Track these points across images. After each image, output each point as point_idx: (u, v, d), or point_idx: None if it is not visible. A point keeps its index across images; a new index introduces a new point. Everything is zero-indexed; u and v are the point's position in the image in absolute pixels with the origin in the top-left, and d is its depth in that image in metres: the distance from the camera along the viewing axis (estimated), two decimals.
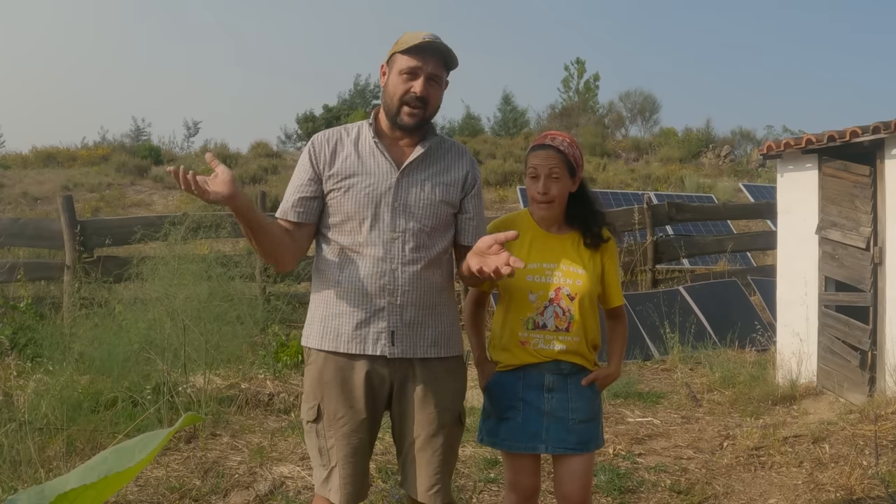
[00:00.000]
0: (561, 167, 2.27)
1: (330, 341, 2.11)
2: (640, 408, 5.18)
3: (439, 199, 2.14)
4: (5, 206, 13.83)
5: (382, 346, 2.08)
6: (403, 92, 2.09)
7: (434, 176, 2.16)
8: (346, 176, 2.11)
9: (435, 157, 2.19)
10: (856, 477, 3.57)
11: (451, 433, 2.15)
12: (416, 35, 2.10)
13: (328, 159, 2.14)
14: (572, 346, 2.29)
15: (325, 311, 2.14)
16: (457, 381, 2.21)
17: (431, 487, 2.10)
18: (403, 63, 2.09)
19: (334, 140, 2.18)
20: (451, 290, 2.25)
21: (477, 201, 2.24)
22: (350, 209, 2.10)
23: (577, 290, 2.28)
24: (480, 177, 2.30)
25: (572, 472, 2.31)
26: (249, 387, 4.98)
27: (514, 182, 16.00)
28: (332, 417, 2.09)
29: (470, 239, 2.20)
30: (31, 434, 3.56)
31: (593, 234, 2.33)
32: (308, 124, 25.46)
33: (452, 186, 2.18)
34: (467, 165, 2.23)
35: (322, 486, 2.13)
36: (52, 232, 7.31)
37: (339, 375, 2.09)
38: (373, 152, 2.14)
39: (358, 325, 2.09)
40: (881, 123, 4.64)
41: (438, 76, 2.12)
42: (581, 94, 29.79)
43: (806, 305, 5.40)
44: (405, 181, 2.12)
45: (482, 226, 2.25)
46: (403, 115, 2.10)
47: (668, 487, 3.65)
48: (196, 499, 3.35)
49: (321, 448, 2.11)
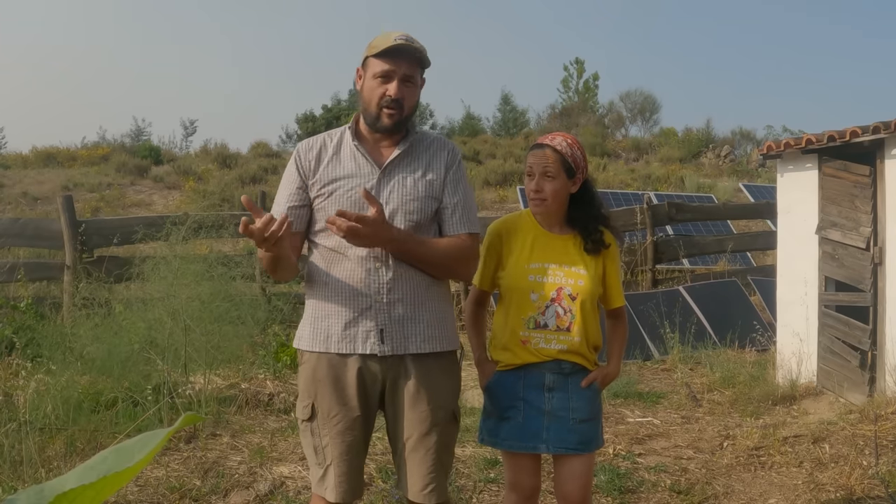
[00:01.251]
0: (556, 166, 2.28)
1: (321, 342, 2.12)
2: (640, 408, 5.18)
3: (423, 195, 2.15)
4: (5, 206, 13.83)
5: (372, 344, 2.08)
6: (380, 96, 2.11)
7: (416, 172, 2.16)
8: (329, 181, 2.13)
9: (416, 153, 2.19)
10: (856, 477, 3.57)
11: (444, 431, 2.13)
12: (388, 37, 2.10)
13: (312, 166, 2.16)
14: (573, 346, 2.29)
15: (315, 313, 2.15)
16: (450, 379, 2.20)
17: (426, 487, 2.09)
18: (377, 67, 2.10)
19: (317, 147, 2.19)
20: (443, 283, 2.23)
21: (452, 188, 2.19)
22: (333, 212, 2.09)
23: (578, 290, 2.28)
24: (461, 161, 2.27)
25: (573, 473, 2.32)
26: (249, 387, 4.98)
27: (514, 182, 16.00)
28: (326, 415, 2.10)
29: (449, 228, 2.19)
30: (32, 434, 3.56)
31: (593, 240, 2.33)
32: (308, 124, 25.46)
33: (436, 180, 2.18)
34: (448, 155, 2.23)
35: (318, 485, 2.13)
36: (52, 232, 7.32)
37: (332, 373, 2.10)
38: (353, 155, 2.16)
39: (347, 324, 2.09)
40: (881, 123, 4.64)
41: (412, 77, 2.13)
42: (581, 94, 29.80)
43: (806, 305, 5.40)
44: (386, 180, 2.13)
45: (461, 212, 2.19)
46: (383, 118, 2.12)
47: (668, 487, 3.65)
48: (196, 499, 3.35)
49: (316, 446, 2.12)
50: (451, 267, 2.20)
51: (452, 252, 2.15)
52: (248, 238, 1.94)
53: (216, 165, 18.52)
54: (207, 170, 17.68)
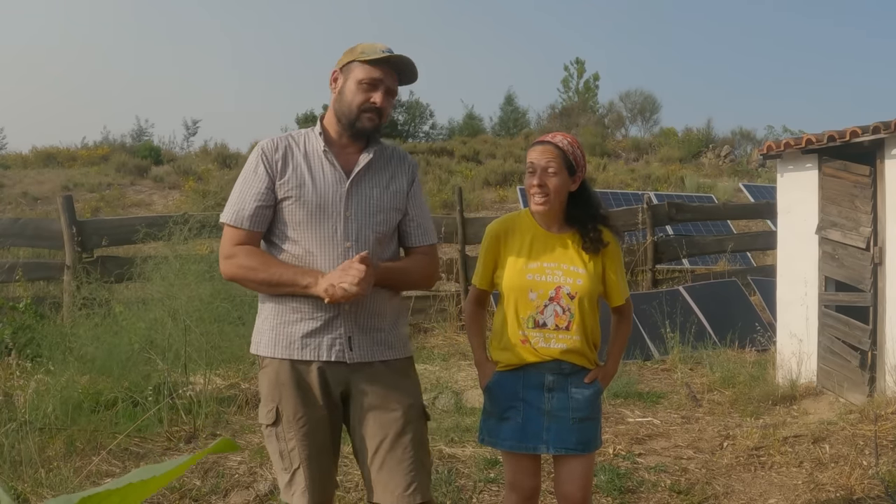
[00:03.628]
0: (558, 162, 2.29)
1: (283, 349, 2.10)
2: (640, 408, 5.18)
3: (389, 206, 2.17)
4: (5, 206, 13.82)
5: (338, 351, 2.08)
6: (363, 101, 2.11)
7: (381, 183, 2.18)
8: (297, 185, 2.11)
9: (380, 163, 2.21)
10: (856, 477, 3.57)
11: (417, 428, 2.12)
12: (375, 47, 2.12)
13: (279, 167, 2.13)
14: (572, 344, 2.29)
15: (277, 320, 2.12)
16: (413, 379, 2.22)
17: (408, 487, 2.03)
18: (363, 73, 2.11)
19: (283, 148, 2.16)
20: (400, 294, 2.28)
21: (415, 201, 2.25)
22: (301, 218, 2.09)
23: (577, 289, 2.28)
24: (418, 171, 2.33)
25: (573, 473, 2.32)
26: (249, 387, 4.98)
27: (514, 182, 15.99)
28: (291, 418, 2.07)
29: (413, 241, 2.25)
30: (32, 434, 3.56)
31: (592, 239, 2.34)
32: (308, 124, 25.44)
33: (400, 192, 2.21)
34: (409, 169, 2.27)
35: (285, 492, 2.08)
36: (52, 232, 7.31)
37: (296, 376, 2.08)
38: (322, 162, 2.15)
39: (312, 332, 2.08)
40: (881, 123, 4.64)
41: (394, 91, 2.17)
42: (581, 94, 29.81)
43: (806, 305, 5.40)
44: (355, 190, 2.14)
45: (425, 225, 2.27)
46: (364, 120, 2.12)
47: (668, 487, 3.65)
48: (196, 499, 3.35)
49: (282, 451, 2.08)
50: (418, 285, 2.34)
51: (421, 272, 2.25)
52: None
53: (216, 165, 18.51)
54: (207, 170, 17.68)
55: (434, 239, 2.30)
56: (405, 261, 2.26)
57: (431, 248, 2.28)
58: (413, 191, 2.25)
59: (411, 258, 2.26)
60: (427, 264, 2.26)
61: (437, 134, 27.74)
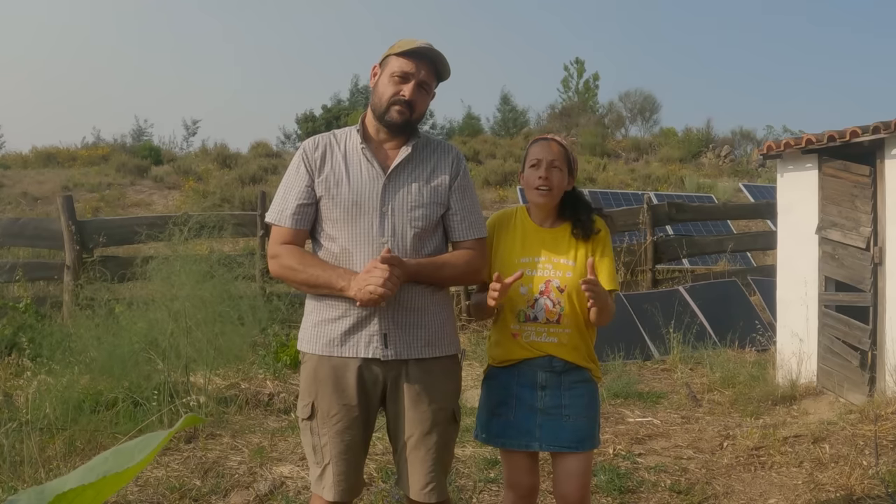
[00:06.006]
0: (561, 159, 2.34)
1: (323, 346, 2.14)
2: (640, 408, 5.18)
3: (427, 201, 2.17)
4: (5, 206, 13.81)
5: (375, 348, 2.10)
6: (393, 93, 2.12)
7: (421, 178, 2.18)
8: (335, 183, 2.14)
9: (421, 158, 2.21)
10: (856, 477, 3.57)
11: (445, 431, 2.16)
12: (413, 41, 2.13)
13: (318, 165, 2.17)
14: (564, 338, 2.30)
15: (318, 317, 2.16)
16: (451, 381, 2.23)
17: (426, 486, 2.11)
18: (396, 66, 2.12)
19: (323, 146, 2.20)
20: (444, 289, 2.27)
21: (460, 194, 2.23)
22: (339, 216, 2.12)
23: (566, 282, 2.30)
24: (466, 167, 2.31)
25: (569, 472, 2.32)
26: (249, 387, 4.98)
27: (514, 182, 16.00)
28: (325, 415, 2.12)
29: (458, 235, 2.23)
30: (32, 434, 3.56)
31: (583, 225, 2.35)
32: (308, 124, 25.49)
33: (441, 186, 2.20)
34: (453, 162, 2.25)
35: (316, 484, 2.16)
36: (52, 232, 7.31)
37: (333, 374, 2.12)
38: (360, 158, 2.16)
39: (350, 329, 2.11)
40: (881, 123, 4.64)
41: (428, 84, 2.17)
42: (581, 94, 29.82)
43: (806, 305, 5.40)
44: (392, 185, 2.14)
45: (470, 218, 2.25)
46: (392, 112, 2.13)
47: (668, 487, 3.65)
48: (196, 499, 3.35)
49: (315, 446, 2.14)
50: (460, 279, 2.33)
51: (462, 267, 2.21)
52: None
53: (216, 165, 18.52)
54: (207, 170, 17.68)
55: (482, 233, 2.28)
56: (445, 255, 2.23)
57: (477, 241, 2.25)
58: (458, 184, 2.23)
59: (453, 252, 2.25)
60: (471, 258, 2.23)
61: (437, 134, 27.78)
